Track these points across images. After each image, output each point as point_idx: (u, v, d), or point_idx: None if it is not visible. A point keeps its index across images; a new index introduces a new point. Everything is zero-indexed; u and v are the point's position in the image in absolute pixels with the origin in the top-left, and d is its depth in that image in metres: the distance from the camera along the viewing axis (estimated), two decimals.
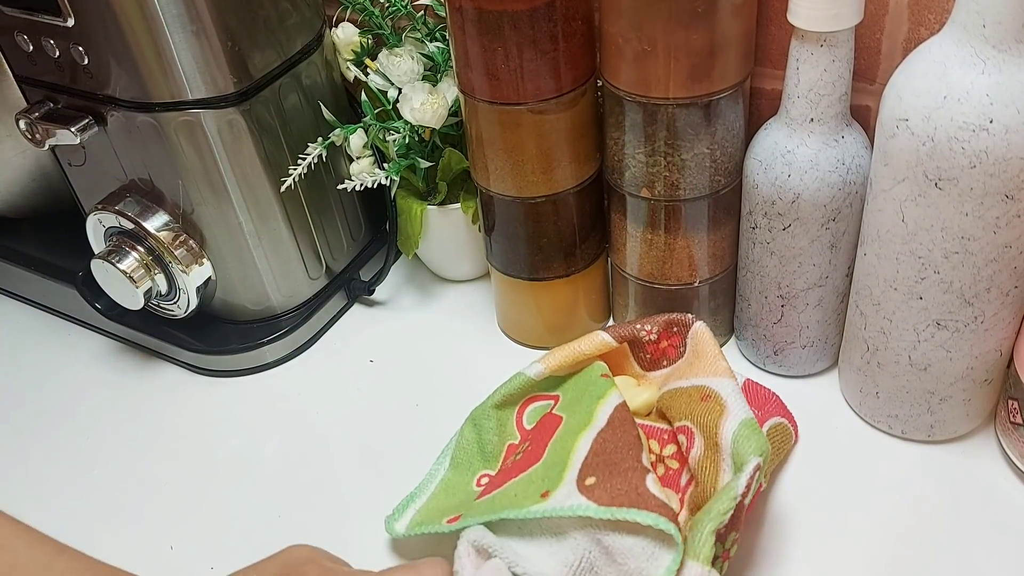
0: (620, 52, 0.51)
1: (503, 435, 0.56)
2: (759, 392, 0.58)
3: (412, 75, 0.63)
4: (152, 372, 0.70)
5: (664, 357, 0.57)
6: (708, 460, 0.49)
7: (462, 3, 0.51)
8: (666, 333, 0.56)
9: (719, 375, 0.52)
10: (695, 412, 0.51)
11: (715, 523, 0.44)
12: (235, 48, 0.57)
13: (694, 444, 0.50)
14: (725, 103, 0.52)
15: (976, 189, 0.44)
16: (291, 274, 0.67)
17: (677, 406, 0.52)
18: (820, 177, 0.51)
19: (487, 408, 0.57)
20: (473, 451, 0.56)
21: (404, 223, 0.68)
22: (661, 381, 0.56)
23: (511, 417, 0.57)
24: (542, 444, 0.52)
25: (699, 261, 0.59)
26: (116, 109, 0.59)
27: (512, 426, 0.56)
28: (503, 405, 0.57)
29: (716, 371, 0.52)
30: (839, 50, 0.48)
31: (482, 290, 0.72)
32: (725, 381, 0.51)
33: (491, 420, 0.57)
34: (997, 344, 0.51)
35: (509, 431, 0.56)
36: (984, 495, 0.53)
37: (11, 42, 0.59)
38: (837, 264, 0.55)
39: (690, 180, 0.55)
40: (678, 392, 0.53)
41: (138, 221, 0.62)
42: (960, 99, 0.43)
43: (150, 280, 0.63)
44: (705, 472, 0.49)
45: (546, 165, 0.56)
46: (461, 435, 0.57)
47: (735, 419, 0.49)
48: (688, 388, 0.52)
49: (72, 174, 0.66)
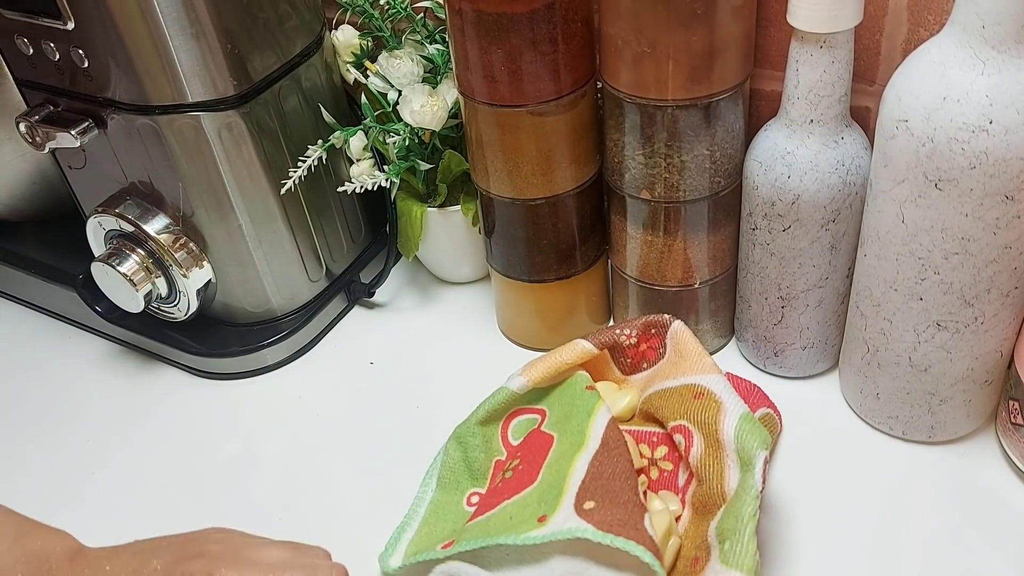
0: (620, 54, 0.51)
1: (489, 452, 0.56)
2: (741, 384, 0.58)
3: (412, 77, 0.63)
4: (152, 375, 0.70)
5: (644, 360, 0.57)
6: (711, 458, 0.49)
7: (462, 5, 0.51)
8: (645, 335, 0.57)
9: (707, 372, 0.52)
10: (691, 411, 0.51)
11: (752, 526, 0.44)
12: (235, 51, 0.57)
13: (693, 443, 0.50)
14: (725, 105, 0.52)
15: (976, 190, 0.44)
16: (291, 276, 0.67)
17: (669, 406, 0.52)
18: (820, 178, 0.51)
19: (471, 425, 0.56)
20: (460, 469, 0.56)
21: (404, 225, 0.68)
22: (643, 384, 0.57)
23: (496, 433, 0.56)
24: (535, 465, 0.51)
25: (699, 263, 0.59)
26: (116, 112, 0.59)
27: (498, 442, 0.56)
28: (487, 421, 0.56)
29: (703, 368, 0.52)
30: (839, 51, 0.48)
31: (482, 292, 0.72)
32: (715, 377, 0.52)
33: (476, 437, 0.56)
34: (997, 345, 0.51)
35: (495, 447, 0.56)
36: (984, 496, 0.53)
37: (11, 45, 0.59)
38: (837, 265, 0.55)
39: (690, 182, 0.55)
40: (668, 393, 0.53)
41: (138, 224, 0.62)
42: (960, 100, 0.43)
43: (150, 283, 0.63)
44: (709, 470, 0.49)
45: (546, 167, 0.56)
46: (446, 454, 0.56)
47: (734, 414, 0.49)
48: (678, 388, 0.52)
49: (72, 177, 0.66)
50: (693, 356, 0.53)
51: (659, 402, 0.53)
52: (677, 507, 0.51)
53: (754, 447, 0.47)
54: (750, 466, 0.46)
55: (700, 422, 0.50)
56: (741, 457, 0.48)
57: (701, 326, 0.62)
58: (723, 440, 0.49)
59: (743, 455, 0.47)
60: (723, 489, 0.48)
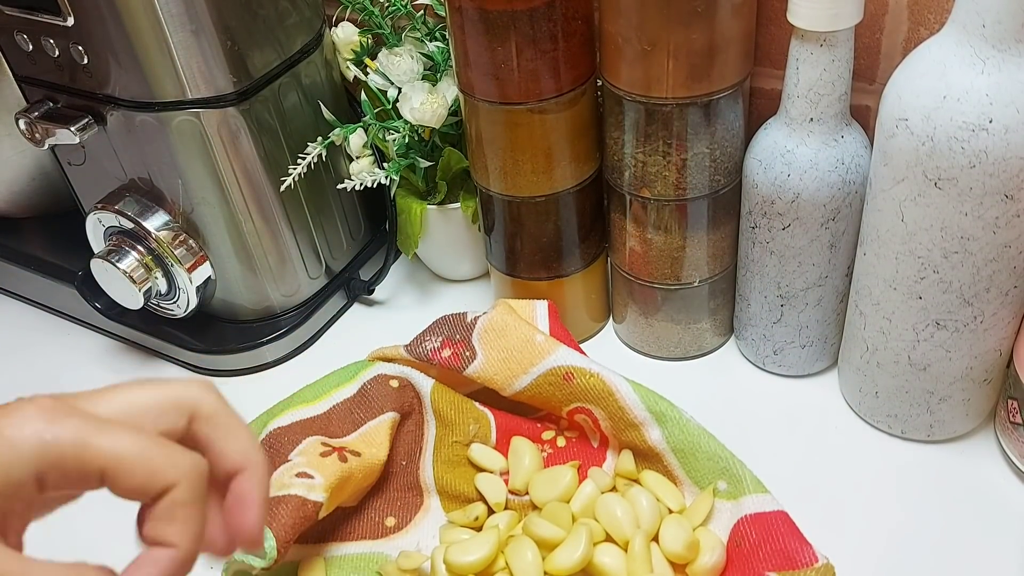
0: (620, 52, 0.51)
1: None
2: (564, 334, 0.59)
3: (412, 74, 0.63)
4: (152, 372, 0.69)
5: (459, 358, 0.57)
6: (623, 423, 0.53)
7: (462, 3, 0.51)
8: (448, 342, 0.57)
9: (553, 349, 0.54)
10: (575, 393, 0.53)
11: (735, 458, 0.50)
12: (235, 48, 0.57)
13: (598, 416, 0.54)
14: (725, 103, 0.52)
15: (975, 189, 0.44)
16: (291, 273, 0.67)
17: (554, 396, 0.54)
18: (820, 177, 0.51)
19: None
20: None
21: (404, 223, 0.68)
22: (480, 383, 0.56)
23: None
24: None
25: (699, 261, 0.59)
26: (116, 108, 0.59)
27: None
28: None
29: (548, 348, 0.54)
30: (839, 50, 0.48)
31: (482, 290, 0.72)
32: (563, 352, 0.54)
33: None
34: (996, 344, 0.51)
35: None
36: (984, 495, 0.53)
37: (11, 42, 0.59)
38: (836, 264, 0.55)
39: (690, 180, 0.55)
40: (538, 385, 0.54)
41: (138, 221, 0.62)
42: (960, 99, 0.43)
43: (150, 280, 0.63)
44: (627, 434, 0.53)
45: (546, 165, 0.56)
46: None
47: (619, 380, 0.52)
48: (545, 375, 0.54)
49: (72, 173, 0.66)
50: (523, 342, 0.55)
51: (534, 397, 0.55)
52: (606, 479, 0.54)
53: (657, 400, 0.52)
54: (668, 417, 0.51)
55: (593, 399, 0.53)
56: (653, 412, 0.52)
57: (700, 324, 0.62)
58: (625, 405, 0.52)
59: (654, 410, 0.52)
60: (648, 445, 0.52)
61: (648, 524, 0.49)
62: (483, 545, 0.49)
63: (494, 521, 0.52)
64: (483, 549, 0.48)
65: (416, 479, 0.55)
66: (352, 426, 0.55)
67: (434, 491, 0.55)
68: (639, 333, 0.64)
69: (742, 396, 0.61)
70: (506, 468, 0.55)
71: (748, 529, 0.48)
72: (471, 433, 0.56)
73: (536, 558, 0.48)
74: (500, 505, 0.53)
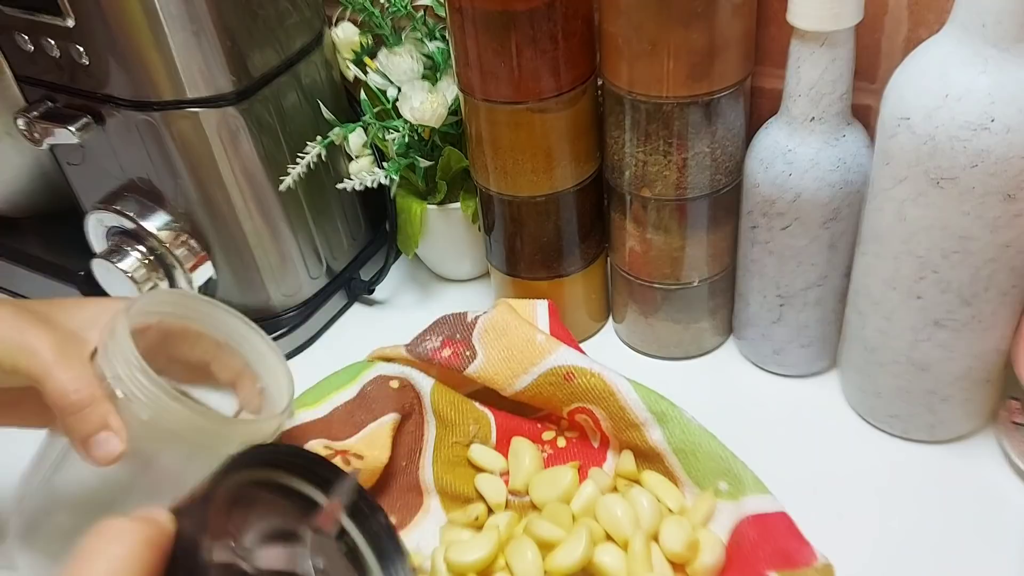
0: (620, 51, 0.51)
1: None
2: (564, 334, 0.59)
3: (412, 74, 0.63)
4: None
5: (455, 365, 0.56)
6: (623, 422, 0.52)
7: (462, 3, 0.51)
8: (448, 341, 0.57)
9: (554, 349, 0.54)
10: (576, 393, 0.53)
11: (736, 458, 0.50)
12: (234, 47, 0.57)
13: (599, 416, 0.53)
14: (725, 102, 0.52)
15: (977, 188, 0.44)
16: (291, 273, 0.67)
17: (555, 396, 0.54)
18: (820, 176, 0.51)
19: None
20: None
21: (404, 222, 0.68)
22: (480, 383, 0.56)
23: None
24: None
25: (698, 261, 0.58)
26: (115, 108, 0.59)
27: None
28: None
29: (549, 348, 0.54)
30: (839, 49, 0.48)
31: (482, 290, 0.72)
32: (563, 352, 0.54)
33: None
34: (996, 344, 0.51)
35: None
36: (985, 495, 0.53)
37: (11, 42, 0.59)
38: (836, 264, 0.55)
39: (690, 179, 0.55)
40: (539, 385, 0.54)
41: (138, 220, 0.62)
42: (961, 98, 0.43)
43: (151, 280, 0.63)
44: (628, 433, 0.52)
45: (546, 164, 0.56)
46: None
47: (620, 380, 0.52)
48: (546, 375, 0.53)
49: (71, 173, 0.66)
50: (524, 341, 0.54)
51: (535, 397, 0.55)
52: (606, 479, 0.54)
53: (657, 400, 0.52)
54: (669, 417, 0.51)
55: (594, 399, 0.53)
56: (654, 412, 0.51)
57: (700, 324, 0.62)
58: (626, 405, 0.51)
59: (655, 410, 0.51)
60: (649, 445, 0.52)
61: (648, 524, 0.49)
62: (483, 545, 0.49)
63: (494, 521, 0.52)
64: (483, 548, 0.48)
65: (416, 479, 0.55)
66: (353, 428, 0.55)
67: (434, 491, 0.55)
68: (639, 333, 0.64)
69: (742, 396, 0.61)
70: (506, 469, 0.55)
71: (748, 529, 0.47)
72: (471, 434, 0.56)
73: (536, 558, 0.48)
74: (500, 506, 0.53)
